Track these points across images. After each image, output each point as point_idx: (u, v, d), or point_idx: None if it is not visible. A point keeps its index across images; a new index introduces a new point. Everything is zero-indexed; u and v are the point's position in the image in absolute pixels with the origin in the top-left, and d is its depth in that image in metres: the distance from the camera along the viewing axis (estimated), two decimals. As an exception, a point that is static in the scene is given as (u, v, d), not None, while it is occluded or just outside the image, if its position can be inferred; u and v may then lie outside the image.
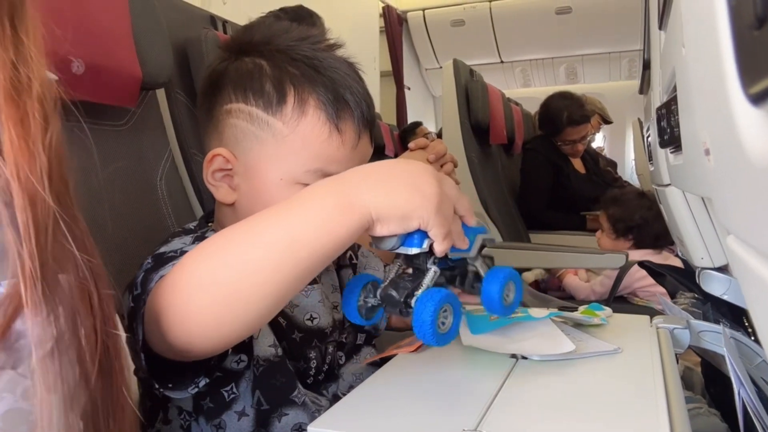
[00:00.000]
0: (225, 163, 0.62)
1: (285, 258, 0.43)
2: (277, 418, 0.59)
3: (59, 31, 0.74)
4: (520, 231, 2.47)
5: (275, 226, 0.44)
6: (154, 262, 0.52)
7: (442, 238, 0.47)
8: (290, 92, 0.60)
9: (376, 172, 0.47)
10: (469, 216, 0.51)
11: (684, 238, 0.79)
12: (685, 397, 0.65)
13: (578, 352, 0.57)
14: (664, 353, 0.59)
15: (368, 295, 0.53)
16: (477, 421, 0.45)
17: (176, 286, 0.44)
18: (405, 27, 4.98)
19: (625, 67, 5.14)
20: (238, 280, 0.43)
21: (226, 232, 0.46)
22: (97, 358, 0.28)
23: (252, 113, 0.60)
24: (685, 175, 0.51)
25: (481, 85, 2.21)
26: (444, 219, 0.46)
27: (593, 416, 0.46)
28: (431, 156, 1.11)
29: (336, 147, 0.60)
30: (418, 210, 0.45)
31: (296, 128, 0.59)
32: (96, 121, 0.86)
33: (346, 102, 0.61)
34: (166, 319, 0.44)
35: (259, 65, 0.61)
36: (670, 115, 0.48)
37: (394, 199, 0.45)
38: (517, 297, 0.54)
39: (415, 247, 0.48)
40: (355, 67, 0.65)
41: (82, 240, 0.28)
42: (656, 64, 0.72)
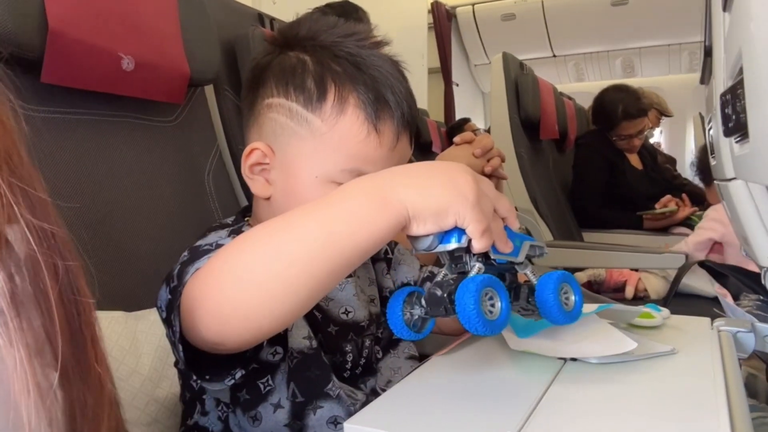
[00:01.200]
0: (263, 157, 0.62)
1: (320, 253, 0.43)
2: (312, 410, 0.59)
3: (110, 29, 0.76)
4: (572, 229, 2.40)
5: (311, 222, 0.44)
6: (190, 255, 0.53)
7: (480, 234, 0.45)
8: (331, 90, 0.59)
9: (412, 170, 0.47)
10: (511, 218, 0.50)
11: (749, 236, 0.74)
12: (750, 406, 0.60)
13: (634, 354, 0.54)
14: (726, 358, 0.55)
15: (413, 306, 0.50)
16: (520, 425, 0.42)
17: (211, 278, 0.44)
18: (454, 22, 4.93)
19: (686, 60, 4.92)
20: (273, 273, 0.43)
21: (262, 226, 0.46)
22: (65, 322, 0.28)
23: (292, 108, 0.60)
24: (753, 164, 0.47)
25: (532, 78, 2.16)
26: (482, 215, 0.45)
27: (646, 424, 0.43)
28: (477, 150, 1.08)
29: (373, 147, 0.59)
30: (454, 205, 0.44)
31: (334, 126, 0.59)
32: (145, 117, 0.88)
33: (386, 102, 0.60)
34: (200, 311, 0.44)
35: (303, 60, 0.61)
36: (735, 100, 0.45)
37: (430, 194, 0.45)
38: (578, 300, 0.50)
39: (453, 243, 0.46)
40: (400, 65, 0.64)
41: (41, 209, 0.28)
42: (719, 50, 0.67)
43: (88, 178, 0.77)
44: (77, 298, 0.29)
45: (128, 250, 0.80)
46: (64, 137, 0.76)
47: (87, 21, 0.73)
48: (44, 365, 0.27)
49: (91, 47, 0.74)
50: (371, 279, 0.72)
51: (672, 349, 0.55)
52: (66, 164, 0.75)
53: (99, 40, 0.75)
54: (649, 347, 0.56)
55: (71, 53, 0.72)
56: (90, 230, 0.75)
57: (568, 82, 5.31)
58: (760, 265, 0.75)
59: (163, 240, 0.85)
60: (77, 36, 0.72)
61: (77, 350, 0.29)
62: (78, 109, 0.78)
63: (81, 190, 0.76)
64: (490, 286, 0.44)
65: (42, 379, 0.27)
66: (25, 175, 0.28)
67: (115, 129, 0.83)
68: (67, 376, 0.28)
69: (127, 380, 0.61)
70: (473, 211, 0.44)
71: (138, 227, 0.82)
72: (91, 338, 0.30)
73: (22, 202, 0.28)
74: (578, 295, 0.50)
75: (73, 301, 0.29)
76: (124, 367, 0.61)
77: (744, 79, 0.40)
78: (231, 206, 1.00)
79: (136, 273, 0.79)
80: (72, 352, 0.29)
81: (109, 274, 0.76)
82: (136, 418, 0.61)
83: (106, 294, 0.75)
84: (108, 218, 0.78)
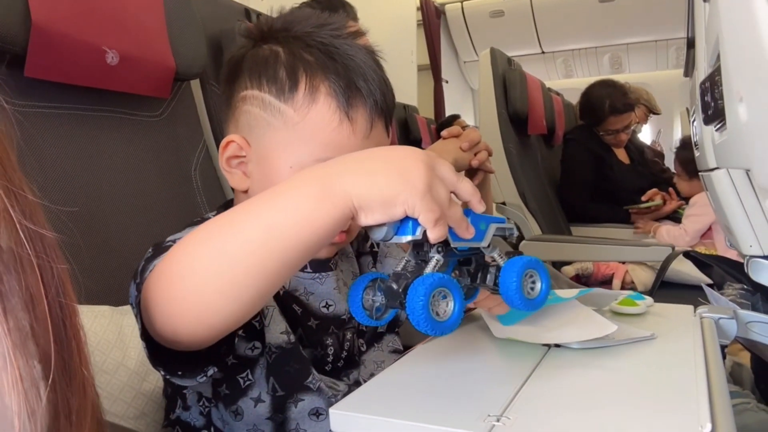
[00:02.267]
0: (239, 149, 0.62)
1: (262, 250, 0.42)
2: (293, 403, 0.59)
3: (94, 23, 0.76)
4: (560, 224, 2.41)
5: (252, 218, 0.43)
6: (153, 251, 0.52)
7: (432, 224, 0.43)
8: (302, 79, 0.59)
9: (358, 158, 0.46)
10: (474, 201, 0.48)
11: (732, 225, 0.75)
12: (733, 393, 0.61)
13: (615, 338, 0.54)
14: (708, 344, 0.55)
15: (375, 293, 0.49)
16: (503, 409, 0.43)
17: (162, 276, 0.44)
18: (443, 20, 4.93)
19: (673, 56, 4.95)
20: (217, 272, 0.42)
21: (210, 222, 0.45)
22: (52, 325, 0.28)
23: (265, 100, 0.60)
24: (731, 150, 0.47)
25: (519, 74, 2.17)
26: (433, 203, 0.43)
27: (627, 407, 0.43)
28: (464, 144, 1.09)
29: (346, 135, 0.59)
30: (402, 194, 0.42)
31: (307, 116, 0.59)
32: (131, 112, 0.87)
33: (358, 89, 0.60)
34: (153, 309, 0.44)
35: (276, 52, 0.61)
36: (714, 87, 0.45)
37: (376, 183, 0.43)
38: (544, 288, 0.49)
39: (408, 235, 0.45)
40: (375, 55, 0.64)
41: (30, 213, 0.28)
42: (701, 40, 0.68)
43: (73, 174, 0.77)
44: (64, 301, 0.30)
45: (115, 245, 0.80)
46: (49, 132, 0.75)
47: (70, 14, 0.73)
48: (30, 367, 0.27)
49: (75, 41, 0.73)
50: (355, 273, 0.72)
51: (652, 334, 0.56)
52: (51, 159, 0.75)
53: (83, 33, 0.74)
54: (629, 333, 0.56)
55: (55, 47, 0.72)
56: (76, 225, 0.74)
57: (557, 78, 5.33)
58: (743, 254, 0.76)
59: (150, 235, 0.85)
60: (61, 29, 0.72)
61: (64, 353, 0.29)
62: (63, 103, 0.78)
63: (66, 185, 0.76)
64: (442, 286, 0.43)
65: (28, 382, 0.27)
66: (16, 178, 0.29)
67: (100, 124, 0.83)
68: (53, 379, 0.28)
69: (113, 374, 0.61)
70: (423, 201, 0.42)
71: (125, 222, 0.82)
72: (77, 342, 0.31)
73: (15, 205, 0.28)
74: (545, 282, 0.49)
75: (60, 304, 0.29)
76: (110, 360, 0.61)
77: (721, 66, 0.40)
78: (218, 201, 0.99)
79: (122, 268, 0.79)
80: (58, 355, 0.29)
81: (95, 269, 0.75)
82: (123, 412, 0.61)
83: (92, 289, 0.75)
84: (94, 213, 0.78)
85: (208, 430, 0.60)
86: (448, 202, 0.45)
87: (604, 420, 0.42)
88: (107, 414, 0.37)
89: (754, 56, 0.21)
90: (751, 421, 0.69)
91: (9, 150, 0.29)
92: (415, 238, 0.44)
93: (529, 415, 0.42)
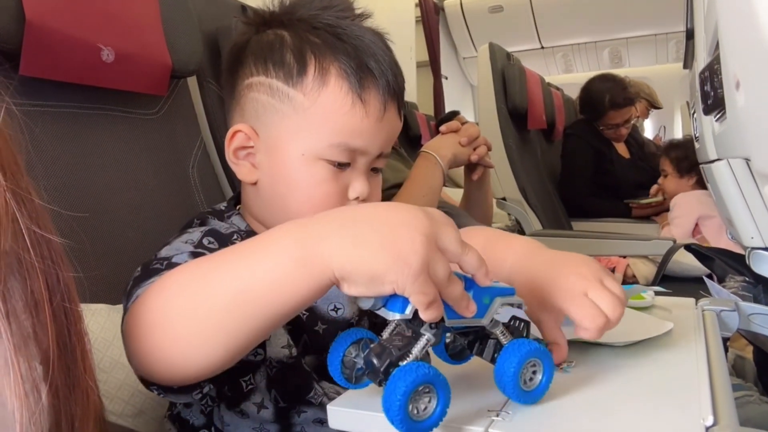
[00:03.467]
0: (246, 140, 0.61)
1: (231, 313, 0.39)
2: (296, 413, 0.58)
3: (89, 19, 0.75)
4: (561, 218, 2.41)
5: (225, 275, 0.40)
6: (141, 272, 0.50)
7: (425, 306, 0.38)
8: (311, 62, 0.57)
9: (346, 219, 0.40)
10: (480, 274, 0.41)
11: (733, 217, 0.74)
12: (736, 385, 0.61)
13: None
14: (710, 336, 0.55)
15: (359, 352, 0.43)
16: (501, 404, 0.43)
17: (138, 316, 0.42)
18: (442, 16, 4.91)
19: (673, 49, 4.94)
20: (189, 326, 0.40)
21: (187, 269, 0.43)
22: (57, 332, 0.28)
23: (272, 86, 0.58)
24: (731, 139, 0.47)
25: (519, 68, 2.16)
26: (427, 285, 0.37)
27: (628, 401, 0.43)
28: (463, 139, 1.08)
29: (360, 118, 0.57)
30: (390, 273, 0.36)
31: (317, 100, 0.57)
32: (128, 110, 0.87)
33: (369, 70, 0.57)
34: (130, 344, 0.43)
35: (280, 36, 0.60)
36: (713, 76, 0.45)
37: (362, 256, 0.37)
38: (543, 382, 0.42)
39: (396, 312, 0.39)
40: (383, 36, 0.62)
41: (36, 217, 0.28)
42: (700, 30, 0.68)
43: (70, 172, 0.76)
44: (69, 306, 0.29)
45: (112, 243, 0.79)
46: (45, 131, 0.75)
47: (65, 12, 0.72)
48: (32, 369, 0.27)
49: (70, 38, 0.73)
50: None
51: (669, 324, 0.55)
52: (48, 158, 0.74)
53: (77, 31, 0.74)
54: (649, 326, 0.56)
55: (49, 44, 0.71)
56: (74, 224, 0.74)
57: (557, 73, 5.31)
58: (744, 246, 0.76)
59: (148, 233, 0.85)
60: (55, 27, 0.71)
61: (67, 359, 0.29)
62: (58, 101, 0.77)
63: (63, 184, 0.75)
64: (427, 382, 0.37)
65: (29, 384, 0.27)
66: (23, 182, 0.29)
67: (97, 122, 0.82)
68: (55, 385, 0.28)
69: (110, 372, 0.61)
70: (415, 283, 0.36)
71: (122, 221, 0.82)
72: (81, 349, 0.30)
73: (23, 209, 0.28)
74: (547, 375, 0.43)
75: (65, 310, 0.29)
76: (107, 358, 0.61)
77: (720, 54, 0.40)
78: (216, 198, 0.99)
79: (120, 266, 0.78)
80: (61, 361, 0.29)
81: (93, 268, 0.75)
82: (120, 410, 0.61)
83: (90, 288, 0.74)
84: (92, 212, 0.77)
85: (207, 429, 0.59)
86: (447, 280, 0.39)
87: (604, 414, 0.41)
88: (105, 413, 0.37)
89: (751, 40, 0.21)
90: (754, 414, 0.69)
91: (17, 155, 0.28)
92: (405, 317, 0.39)
93: (528, 410, 0.42)
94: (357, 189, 0.60)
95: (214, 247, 0.55)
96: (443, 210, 1.13)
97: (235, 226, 0.62)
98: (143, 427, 0.63)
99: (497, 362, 0.42)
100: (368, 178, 0.61)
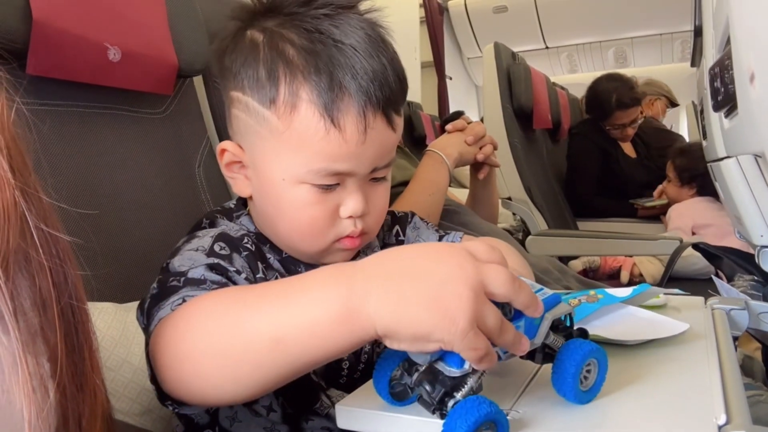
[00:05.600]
0: (234, 156, 0.58)
1: (266, 357, 0.39)
2: (304, 420, 0.57)
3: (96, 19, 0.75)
4: (566, 218, 2.40)
5: (262, 320, 0.40)
6: (158, 288, 0.49)
7: (478, 362, 0.37)
8: (282, 82, 0.52)
9: (391, 272, 0.38)
10: (531, 309, 0.39)
11: (742, 215, 0.74)
12: (745, 385, 0.60)
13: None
14: (720, 335, 0.54)
15: (404, 374, 0.42)
16: (512, 402, 0.42)
17: (169, 348, 0.43)
18: (446, 16, 4.91)
19: (678, 49, 4.91)
20: (221, 365, 0.41)
21: (219, 303, 0.43)
22: (64, 330, 0.28)
23: (249, 105, 0.55)
24: (742, 134, 0.46)
25: (524, 68, 2.15)
26: (477, 340, 0.36)
27: (640, 400, 0.43)
28: (469, 138, 1.08)
29: (337, 144, 0.52)
30: (437, 332, 0.35)
31: (291, 125, 0.52)
32: (134, 109, 0.87)
33: (343, 89, 0.51)
34: (159, 372, 0.44)
35: (255, 44, 0.55)
36: (723, 72, 0.44)
37: (406, 315, 0.36)
38: (599, 380, 0.43)
39: (455, 368, 0.38)
40: (376, 31, 0.55)
41: (44, 215, 0.28)
42: (708, 28, 0.67)
43: (76, 171, 0.76)
44: (76, 304, 0.29)
45: (119, 243, 0.79)
46: (51, 130, 0.75)
47: (71, 11, 0.73)
48: (40, 366, 0.27)
49: (77, 37, 0.73)
50: None
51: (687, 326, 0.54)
52: (54, 157, 0.74)
53: (84, 30, 0.74)
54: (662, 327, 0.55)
55: (56, 44, 0.71)
56: (79, 223, 0.74)
57: (561, 73, 5.30)
58: (753, 244, 0.75)
59: (154, 233, 0.85)
60: (62, 26, 0.71)
61: (75, 357, 0.29)
62: (65, 100, 0.77)
63: (69, 183, 0.75)
64: (491, 420, 0.37)
65: (37, 381, 0.27)
66: (31, 181, 0.29)
67: (103, 121, 0.82)
68: (62, 384, 0.28)
69: (117, 371, 0.61)
70: (464, 340, 0.35)
71: (128, 220, 0.82)
72: (88, 348, 0.30)
73: (32, 208, 0.28)
74: (601, 375, 0.43)
75: (72, 308, 0.29)
76: (114, 357, 0.61)
77: (731, 48, 0.39)
78: (222, 198, 0.99)
79: (126, 266, 0.78)
80: (69, 360, 0.29)
81: (100, 267, 0.75)
82: (127, 408, 0.61)
83: (97, 286, 0.74)
84: (98, 211, 0.77)
85: (212, 429, 0.58)
86: (498, 329, 0.37)
87: (616, 412, 0.41)
88: (112, 411, 0.37)
89: (766, 31, 0.21)
90: (764, 413, 0.68)
91: (25, 153, 0.28)
92: (465, 371, 0.38)
93: (538, 409, 0.42)
94: (350, 207, 0.55)
95: (225, 253, 0.54)
96: (449, 208, 1.13)
97: (244, 228, 0.61)
98: (150, 425, 0.63)
99: (555, 367, 0.42)
100: (365, 191, 0.57)
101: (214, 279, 0.50)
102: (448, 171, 1.03)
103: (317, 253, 0.58)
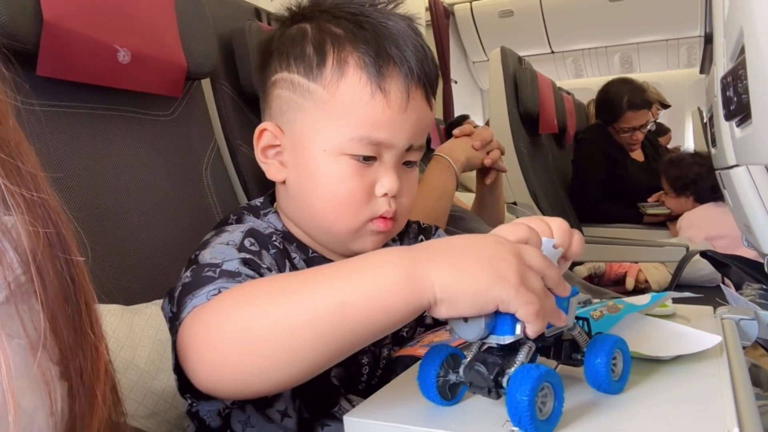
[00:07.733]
0: (273, 138, 0.60)
1: (329, 326, 0.39)
2: (320, 426, 0.57)
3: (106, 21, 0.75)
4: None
5: (324, 289, 0.40)
6: (192, 276, 0.49)
7: (534, 317, 0.39)
8: (330, 53, 0.56)
9: (442, 249, 0.42)
10: (560, 288, 0.43)
11: (751, 223, 0.73)
12: (755, 394, 0.60)
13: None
14: (730, 345, 0.54)
15: (448, 371, 0.43)
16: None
17: (210, 332, 0.42)
18: (452, 20, 4.91)
19: (684, 55, 4.91)
20: (276, 342, 0.40)
21: (271, 281, 0.43)
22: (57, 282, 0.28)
23: (294, 81, 0.58)
24: (755, 144, 0.46)
25: (530, 72, 2.15)
26: (530, 295, 0.39)
27: (651, 410, 0.42)
28: (476, 143, 1.08)
29: (381, 109, 0.55)
30: (493, 289, 0.38)
31: (336, 92, 0.56)
32: (142, 111, 0.87)
33: (390, 57, 0.55)
34: (194, 360, 0.43)
35: (303, 30, 0.59)
36: (736, 81, 0.44)
37: (463, 276, 0.39)
38: (625, 369, 0.45)
39: (508, 335, 0.40)
40: (412, 20, 0.60)
41: (35, 184, 0.28)
42: (719, 36, 0.67)
43: (84, 173, 0.76)
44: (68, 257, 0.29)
45: (126, 245, 0.79)
46: (61, 131, 0.75)
47: (82, 12, 0.73)
48: (48, 369, 0.27)
49: (87, 39, 0.73)
50: None
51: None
52: (62, 158, 0.74)
53: (94, 32, 0.74)
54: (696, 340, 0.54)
55: (66, 45, 0.71)
56: (87, 225, 0.74)
57: (567, 78, 5.30)
58: (762, 253, 0.74)
59: (161, 235, 0.85)
60: (72, 28, 0.71)
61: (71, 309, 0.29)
62: (74, 102, 0.77)
63: (78, 184, 0.75)
64: (547, 381, 0.38)
65: (45, 383, 0.27)
66: (12, 140, 0.28)
67: (111, 123, 0.82)
68: (70, 386, 0.28)
69: (123, 373, 0.61)
70: (518, 295, 0.38)
71: (136, 222, 0.82)
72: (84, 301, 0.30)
73: (15, 176, 0.27)
74: (627, 363, 0.45)
75: (80, 311, 0.29)
76: (120, 359, 0.61)
77: (746, 58, 0.39)
78: (229, 201, 0.99)
79: (134, 268, 0.78)
80: (75, 362, 0.28)
81: (106, 269, 0.75)
82: (133, 411, 0.61)
83: (103, 288, 0.74)
84: (105, 213, 0.78)
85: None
86: (543, 293, 0.40)
87: (627, 421, 0.41)
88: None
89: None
90: (773, 425, 0.68)
91: (6, 113, 0.28)
92: (518, 337, 0.40)
93: (548, 418, 0.41)
94: (385, 185, 0.58)
95: (255, 249, 0.54)
96: (455, 214, 1.13)
97: (272, 226, 0.62)
98: (156, 428, 0.63)
99: (587, 361, 0.44)
100: (399, 173, 0.59)
101: (248, 273, 0.50)
102: (455, 176, 1.03)
103: (350, 233, 0.59)
